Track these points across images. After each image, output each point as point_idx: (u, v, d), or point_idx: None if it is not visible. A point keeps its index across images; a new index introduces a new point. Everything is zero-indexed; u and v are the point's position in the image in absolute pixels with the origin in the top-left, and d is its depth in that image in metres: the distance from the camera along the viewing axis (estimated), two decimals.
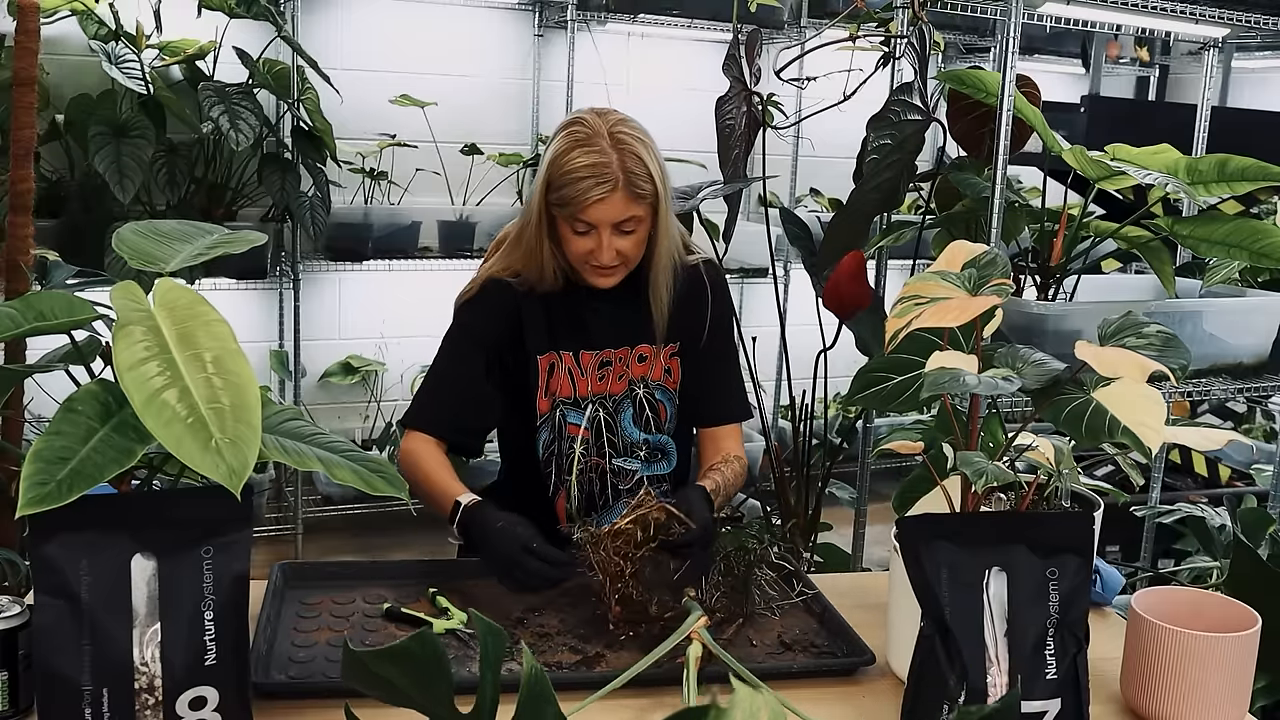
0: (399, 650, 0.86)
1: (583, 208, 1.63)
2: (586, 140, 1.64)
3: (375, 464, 1.24)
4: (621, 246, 1.67)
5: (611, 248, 1.66)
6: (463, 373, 1.75)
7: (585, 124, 1.66)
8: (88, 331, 1.22)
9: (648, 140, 1.67)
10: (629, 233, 1.67)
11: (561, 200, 1.64)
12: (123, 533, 1.05)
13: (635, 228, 1.67)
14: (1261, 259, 1.95)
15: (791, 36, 3.89)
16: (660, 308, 1.75)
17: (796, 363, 2.65)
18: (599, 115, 1.67)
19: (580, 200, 1.62)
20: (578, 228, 1.66)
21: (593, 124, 1.65)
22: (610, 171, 1.62)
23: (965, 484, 1.21)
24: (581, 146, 1.63)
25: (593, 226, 1.65)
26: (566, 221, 1.67)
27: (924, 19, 2.18)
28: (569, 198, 1.63)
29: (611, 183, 1.62)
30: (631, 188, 1.63)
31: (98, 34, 3.12)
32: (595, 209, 1.63)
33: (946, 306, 1.15)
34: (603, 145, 1.63)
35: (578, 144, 1.64)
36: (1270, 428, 3.77)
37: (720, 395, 1.85)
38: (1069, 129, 2.72)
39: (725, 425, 1.84)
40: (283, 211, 3.44)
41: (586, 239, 1.67)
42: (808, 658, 1.37)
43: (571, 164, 1.63)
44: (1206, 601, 1.30)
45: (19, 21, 1.98)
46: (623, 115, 1.69)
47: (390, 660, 0.86)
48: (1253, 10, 2.32)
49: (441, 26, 3.89)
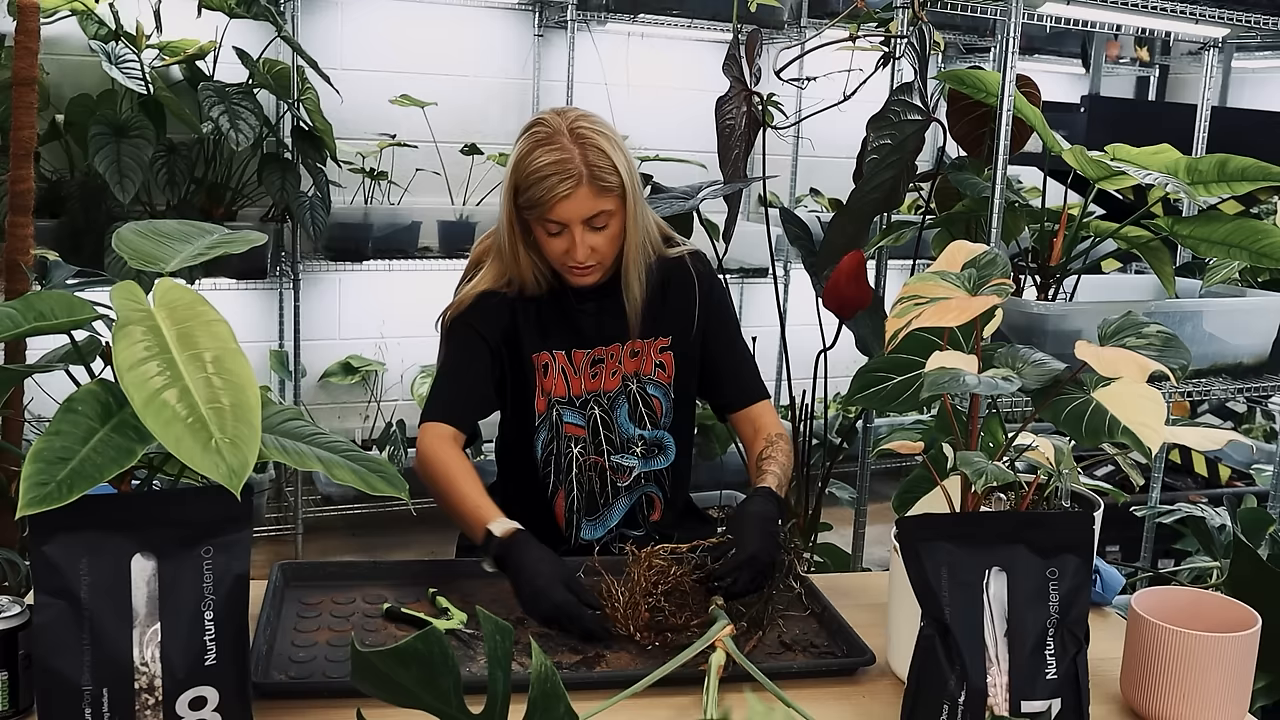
0: (405, 650, 0.86)
1: (550, 206, 1.63)
2: (547, 139, 1.63)
3: (375, 464, 1.24)
4: (595, 243, 1.67)
5: (585, 245, 1.65)
6: (472, 364, 1.74)
7: (545, 124, 1.66)
8: (88, 331, 1.22)
9: (610, 134, 1.66)
10: (601, 228, 1.66)
11: (529, 202, 1.64)
12: (123, 533, 1.05)
13: (607, 222, 1.66)
14: (1261, 259, 1.95)
15: (791, 36, 3.89)
16: (634, 302, 1.75)
17: (796, 363, 2.65)
18: (559, 114, 1.67)
19: (547, 200, 1.62)
20: (549, 229, 1.66)
21: (552, 123, 1.65)
22: (573, 166, 1.61)
23: (965, 484, 1.21)
24: (543, 146, 1.63)
25: (564, 225, 1.65)
26: (538, 224, 1.67)
27: (924, 19, 2.18)
28: (535, 198, 1.63)
29: (575, 178, 1.61)
30: (596, 181, 1.62)
31: (98, 34, 3.12)
32: (562, 206, 1.62)
33: (946, 306, 1.15)
34: (564, 142, 1.63)
35: (539, 144, 1.63)
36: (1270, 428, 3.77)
37: (741, 376, 1.85)
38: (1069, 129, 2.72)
39: (756, 404, 1.83)
40: (283, 211, 3.44)
41: (560, 239, 1.67)
42: (808, 658, 1.37)
43: (534, 164, 1.62)
44: (1206, 601, 1.30)
45: (19, 21, 1.97)
46: (584, 111, 1.69)
47: (397, 660, 0.86)
48: (1253, 10, 2.32)
49: (441, 26, 3.89)
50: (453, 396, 1.74)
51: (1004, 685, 1.10)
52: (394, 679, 0.87)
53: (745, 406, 1.83)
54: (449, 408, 1.72)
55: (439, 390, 1.76)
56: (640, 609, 1.38)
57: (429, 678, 0.87)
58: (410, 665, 0.86)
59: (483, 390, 1.75)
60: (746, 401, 1.84)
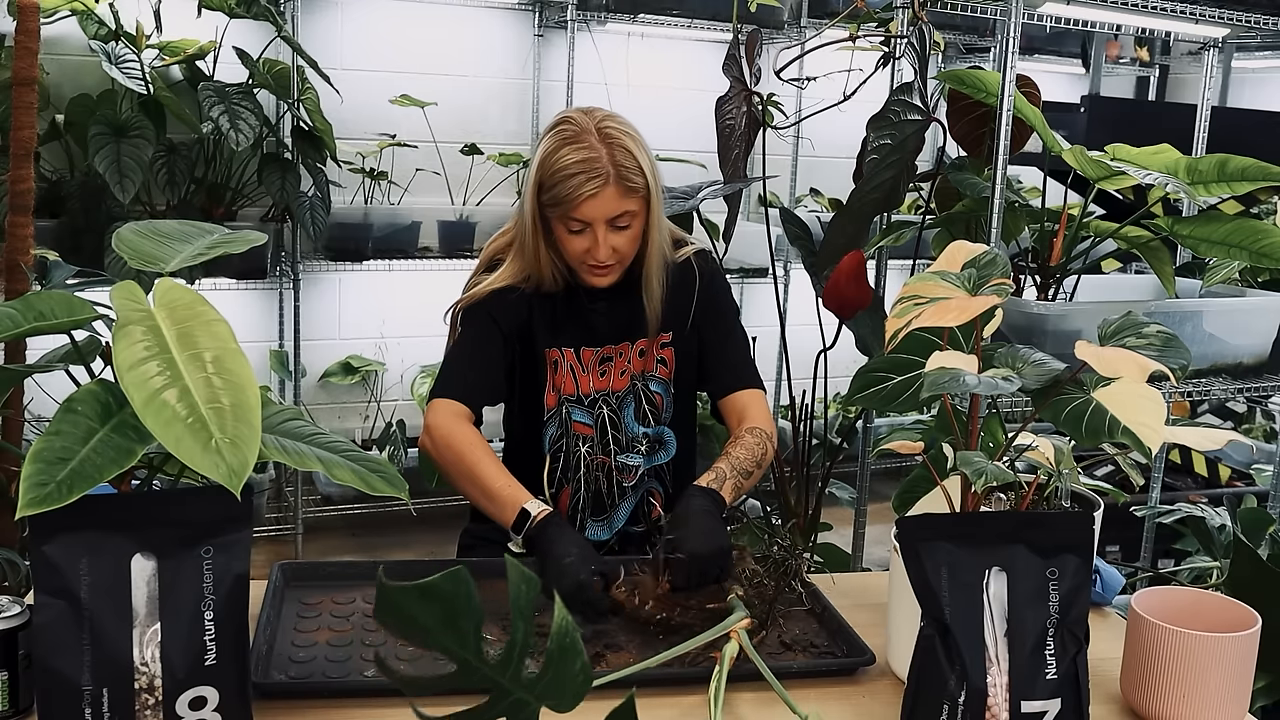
0: (430, 587, 0.85)
1: (576, 205, 1.63)
2: (575, 137, 1.64)
3: (375, 464, 1.24)
4: (616, 243, 1.67)
5: (607, 244, 1.66)
6: (486, 348, 1.74)
7: (573, 122, 1.66)
8: (88, 331, 1.22)
9: (636, 135, 1.67)
10: (623, 228, 1.67)
11: (554, 199, 1.64)
12: (123, 533, 1.05)
13: (629, 223, 1.67)
14: (1261, 259, 1.95)
15: (791, 36, 3.89)
16: (653, 303, 1.75)
17: (796, 363, 2.65)
18: (585, 113, 1.67)
19: (573, 197, 1.62)
20: (572, 226, 1.66)
21: (580, 121, 1.65)
22: (601, 166, 1.62)
23: (965, 484, 1.21)
24: (571, 144, 1.63)
25: (587, 224, 1.65)
26: (561, 221, 1.67)
27: (924, 19, 2.18)
28: (561, 196, 1.63)
29: (603, 177, 1.62)
30: (623, 182, 1.63)
31: (98, 34, 3.12)
32: (588, 205, 1.63)
33: (946, 306, 1.15)
34: (591, 141, 1.63)
35: (566, 142, 1.64)
36: (1270, 428, 3.77)
37: (731, 362, 1.82)
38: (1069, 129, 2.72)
39: (740, 391, 1.80)
40: (283, 211, 3.44)
41: (582, 237, 1.67)
42: (808, 658, 1.37)
43: (562, 162, 1.62)
44: (1206, 601, 1.30)
45: (19, 21, 1.97)
46: (609, 112, 1.69)
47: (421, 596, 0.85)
48: (1253, 10, 2.32)
49: (441, 26, 3.89)
50: (466, 376, 1.73)
51: (1004, 685, 1.10)
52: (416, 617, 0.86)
53: (732, 391, 1.80)
54: (462, 386, 1.71)
55: (451, 369, 1.74)
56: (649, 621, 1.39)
57: (450, 617, 0.86)
58: (434, 603, 0.85)
59: (495, 375, 1.74)
60: (733, 386, 1.80)
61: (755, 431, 1.72)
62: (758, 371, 1.86)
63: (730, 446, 1.70)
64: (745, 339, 1.87)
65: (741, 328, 1.87)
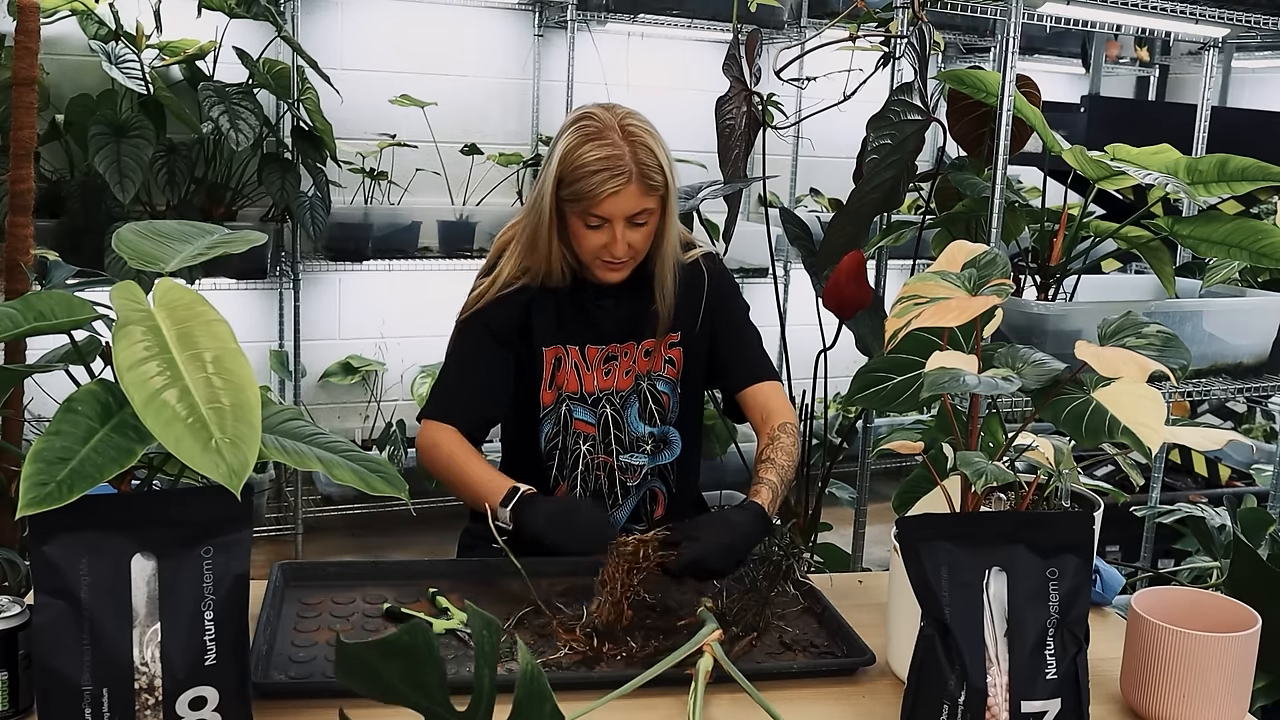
0: (389, 643, 0.85)
1: (597, 201, 1.63)
2: (598, 134, 1.64)
3: (375, 464, 1.24)
4: (632, 239, 1.68)
5: (624, 241, 1.67)
6: (480, 364, 1.75)
7: (595, 118, 1.66)
8: (88, 331, 1.22)
9: (656, 133, 1.68)
10: (640, 225, 1.68)
11: (575, 195, 1.64)
12: (123, 533, 1.05)
13: (646, 220, 1.68)
14: (1261, 259, 1.95)
15: (791, 36, 3.89)
16: (666, 301, 1.76)
17: (796, 363, 2.65)
18: (607, 109, 1.68)
19: (595, 194, 1.62)
20: (590, 222, 1.66)
21: (602, 118, 1.66)
22: (624, 164, 1.62)
23: (965, 484, 1.21)
24: (593, 140, 1.63)
25: (606, 220, 1.66)
26: (579, 216, 1.67)
27: (924, 19, 2.18)
28: (583, 192, 1.63)
29: (626, 175, 1.62)
30: (645, 180, 1.64)
31: (98, 34, 3.12)
32: (610, 202, 1.63)
33: (946, 306, 1.15)
34: (614, 138, 1.63)
35: (589, 138, 1.64)
36: (1270, 428, 3.77)
37: (748, 356, 1.84)
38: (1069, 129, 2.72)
39: (760, 383, 1.81)
40: (283, 211, 3.44)
41: (599, 233, 1.67)
42: (808, 658, 1.37)
43: (584, 158, 1.63)
44: (1206, 601, 1.30)
45: (19, 21, 1.97)
46: (630, 109, 1.70)
47: (381, 652, 0.85)
48: (1253, 10, 2.32)
49: (441, 26, 3.89)
50: (456, 399, 1.75)
51: (1004, 685, 1.10)
52: (378, 673, 0.86)
53: (751, 384, 1.81)
54: (450, 409, 1.74)
55: (443, 389, 1.76)
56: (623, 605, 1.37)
57: (413, 672, 0.86)
58: (394, 658, 0.85)
59: (483, 398, 1.76)
60: (752, 379, 1.81)
61: (787, 429, 1.75)
62: (773, 364, 1.87)
63: (773, 452, 1.69)
64: (758, 334, 1.88)
65: (753, 324, 1.88)
